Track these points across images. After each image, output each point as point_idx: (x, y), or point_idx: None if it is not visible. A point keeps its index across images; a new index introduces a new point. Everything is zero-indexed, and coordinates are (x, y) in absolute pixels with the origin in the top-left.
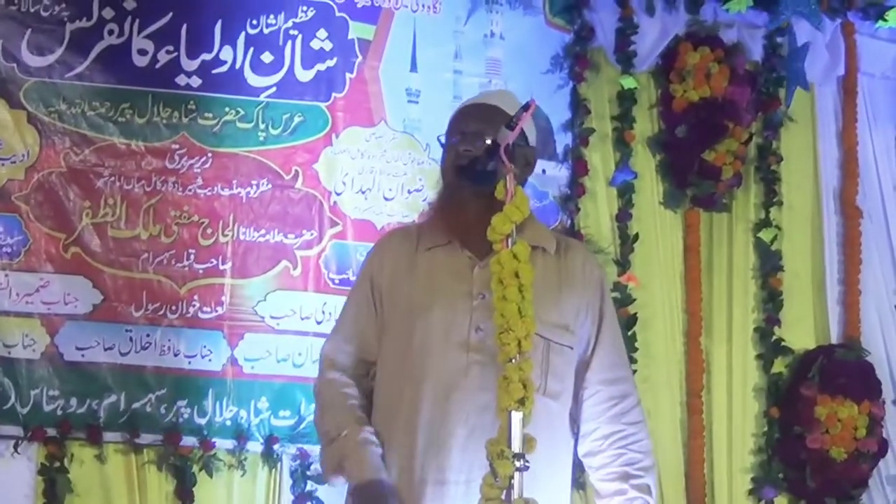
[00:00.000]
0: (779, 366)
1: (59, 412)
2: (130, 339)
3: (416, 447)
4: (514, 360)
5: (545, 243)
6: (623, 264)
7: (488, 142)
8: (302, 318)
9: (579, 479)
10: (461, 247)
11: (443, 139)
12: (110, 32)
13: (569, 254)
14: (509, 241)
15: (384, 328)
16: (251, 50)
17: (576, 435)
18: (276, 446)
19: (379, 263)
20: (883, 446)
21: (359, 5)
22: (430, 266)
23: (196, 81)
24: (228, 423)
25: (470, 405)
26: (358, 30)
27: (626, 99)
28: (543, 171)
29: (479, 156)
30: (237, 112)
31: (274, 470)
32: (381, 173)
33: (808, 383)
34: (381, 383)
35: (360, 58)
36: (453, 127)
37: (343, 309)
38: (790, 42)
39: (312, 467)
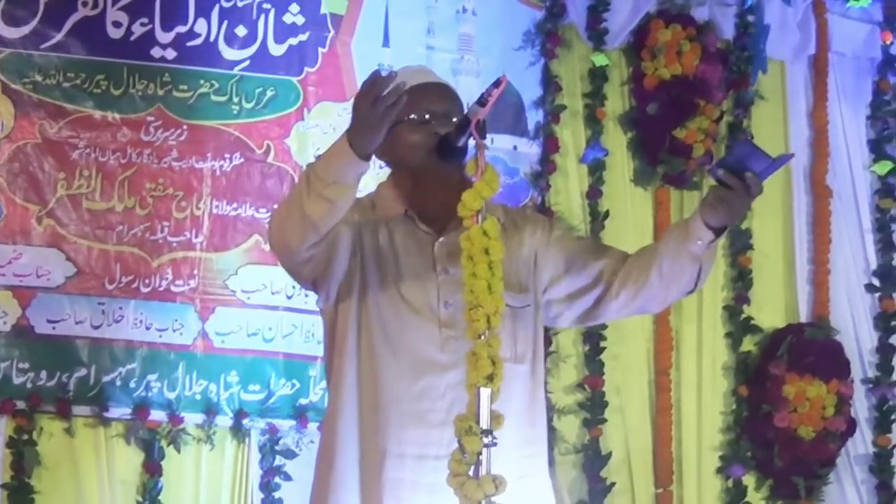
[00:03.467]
0: (748, 344)
1: (29, 385)
2: (103, 312)
3: (392, 423)
4: (482, 337)
5: (496, 213)
6: None
7: (454, 119)
8: (273, 293)
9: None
10: (419, 221)
11: None
12: (84, 4)
13: (517, 218)
14: (479, 217)
15: (347, 283)
16: (225, 23)
17: (547, 398)
18: (245, 421)
19: (361, 221)
20: (851, 426)
21: None
22: (390, 241)
23: (171, 54)
24: (198, 397)
25: (447, 380)
26: (330, 4)
27: (598, 76)
28: (515, 147)
29: (449, 132)
30: (212, 85)
31: (242, 444)
32: None
33: (777, 362)
34: (349, 359)
35: (332, 32)
36: (416, 105)
37: None
38: (757, 22)
39: (281, 442)
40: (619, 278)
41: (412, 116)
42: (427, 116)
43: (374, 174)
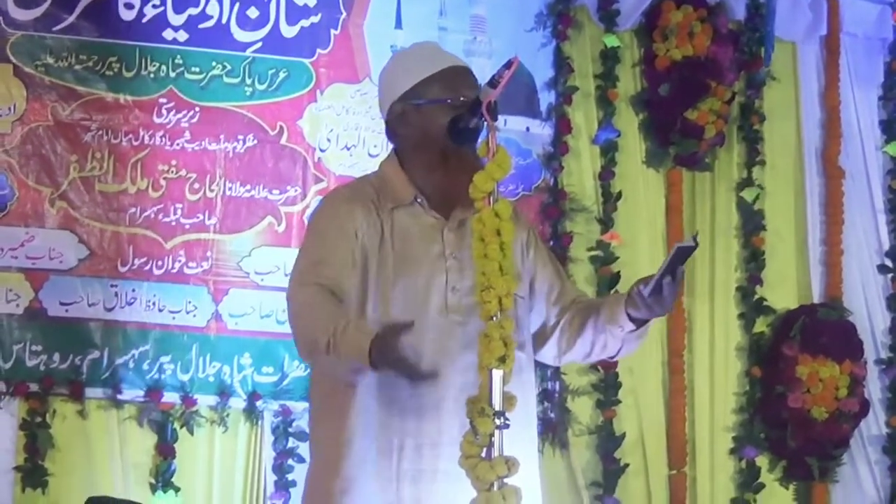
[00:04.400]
0: (761, 325)
1: (42, 368)
2: (116, 294)
3: (408, 413)
4: (494, 318)
5: None
6: (606, 223)
7: (462, 99)
8: (286, 275)
9: (563, 438)
10: (428, 207)
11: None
12: None
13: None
14: (490, 199)
15: (360, 291)
16: (237, 5)
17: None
18: (258, 403)
19: (349, 206)
20: (864, 406)
21: None
22: (398, 227)
23: (183, 36)
24: (211, 379)
25: (456, 366)
26: None
27: (610, 57)
28: (527, 129)
29: (461, 114)
30: (224, 67)
31: (256, 426)
32: (366, 130)
33: (790, 343)
34: None
35: (344, 14)
36: (452, 88)
37: (306, 244)
38: (768, 3)
39: (294, 424)
40: (558, 329)
41: (448, 100)
42: (462, 100)
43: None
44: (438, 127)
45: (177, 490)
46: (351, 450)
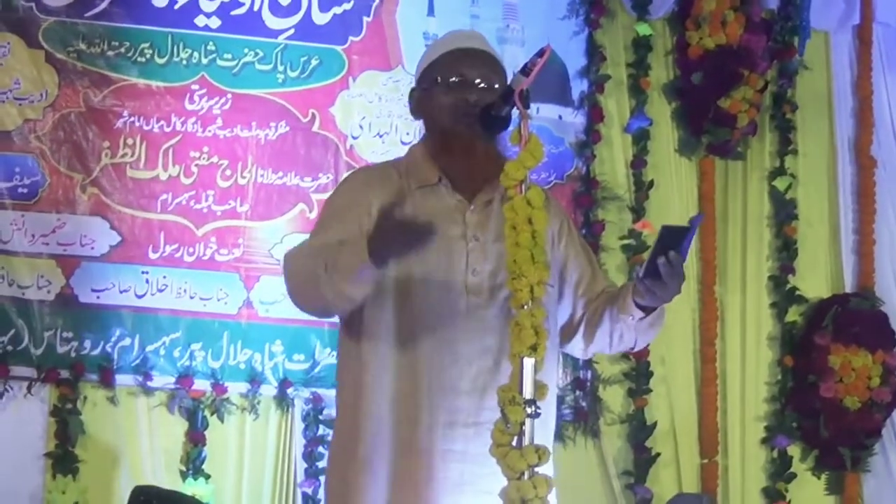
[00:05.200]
0: (793, 314)
1: (73, 354)
2: (147, 281)
3: (422, 390)
4: (526, 307)
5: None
6: (638, 211)
7: (498, 87)
8: None
9: (594, 427)
10: (452, 189)
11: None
12: None
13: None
14: (522, 187)
15: None
16: None
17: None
18: (289, 390)
19: (376, 194)
20: None
21: None
22: (421, 207)
23: (215, 22)
24: (242, 366)
25: (474, 347)
26: None
27: (642, 46)
28: (560, 117)
29: (493, 102)
30: (256, 54)
31: (286, 414)
32: (399, 117)
33: (822, 332)
34: (373, 327)
35: (377, 1)
36: (448, 69)
37: (322, 224)
38: None
39: (325, 411)
40: (584, 321)
41: (452, 80)
42: (456, 80)
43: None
44: (439, 108)
45: (207, 477)
46: (366, 426)
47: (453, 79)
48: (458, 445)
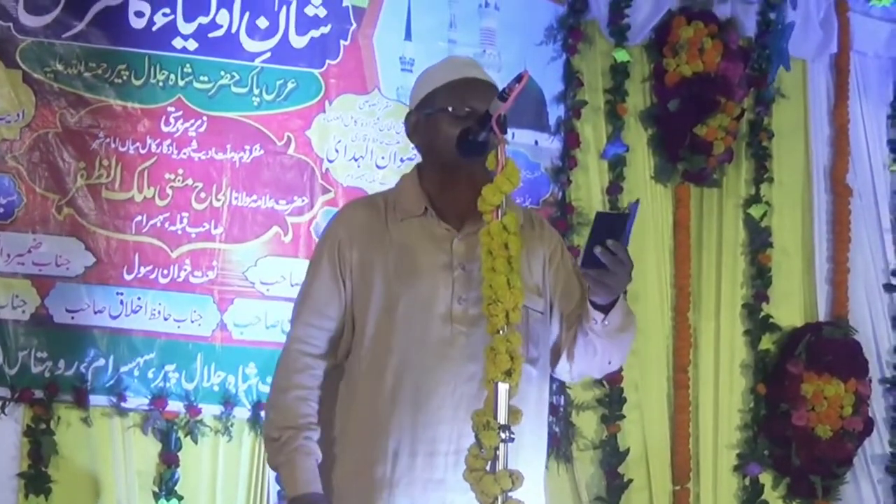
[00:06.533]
0: (766, 342)
1: (47, 374)
2: (121, 302)
3: (405, 420)
4: (501, 332)
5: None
6: None
7: (467, 110)
8: (292, 285)
9: (567, 452)
10: (438, 219)
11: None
12: None
13: (533, 222)
14: (499, 212)
15: (357, 302)
16: (247, 14)
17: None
18: (262, 413)
19: (347, 235)
20: (868, 425)
21: None
22: (405, 237)
23: (192, 45)
24: (216, 388)
25: (457, 376)
26: None
27: (619, 72)
28: (536, 142)
29: (470, 126)
30: (232, 76)
31: (260, 436)
32: (374, 141)
33: (795, 360)
34: (359, 357)
35: (354, 25)
36: (458, 100)
37: (306, 282)
38: (779, 19)
39: None
40: (565, 343)
41: (452, 109)
42: (467, 111)
43: (396, 167)
44: (444, 136)
45: (180, 499)
46: (343, 457)
47: (464, 110)
48: (437, 474)
